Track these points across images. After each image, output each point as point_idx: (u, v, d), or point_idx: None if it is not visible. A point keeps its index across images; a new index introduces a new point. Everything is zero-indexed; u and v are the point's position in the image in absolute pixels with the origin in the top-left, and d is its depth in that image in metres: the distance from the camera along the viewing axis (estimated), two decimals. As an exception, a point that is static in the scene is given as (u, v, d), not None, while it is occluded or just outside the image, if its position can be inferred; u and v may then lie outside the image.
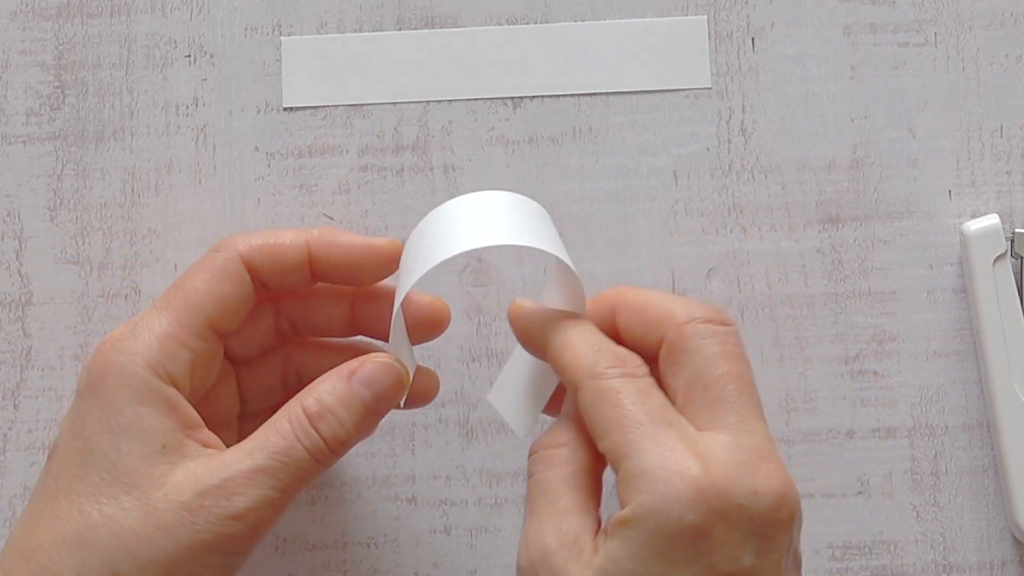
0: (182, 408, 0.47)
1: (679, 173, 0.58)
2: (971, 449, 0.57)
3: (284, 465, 0.46)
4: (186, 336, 0.48)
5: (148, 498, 0.46)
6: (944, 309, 0.58)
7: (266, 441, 0.47)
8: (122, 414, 0.47)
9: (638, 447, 0.44)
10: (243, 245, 0.50)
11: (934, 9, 0.59)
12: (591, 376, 0.46)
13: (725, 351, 0.46)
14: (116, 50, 0.59)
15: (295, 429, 0.46)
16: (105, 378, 0.47)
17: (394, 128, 0.59)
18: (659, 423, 0.44)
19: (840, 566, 0.57)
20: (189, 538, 0.45)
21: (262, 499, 0.46)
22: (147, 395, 0.47)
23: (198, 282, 0.49)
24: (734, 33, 0.59)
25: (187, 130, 0.59)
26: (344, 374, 0.47)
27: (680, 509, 0.42)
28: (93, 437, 0.47)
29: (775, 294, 0.58)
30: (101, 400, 0.47)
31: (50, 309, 0.58)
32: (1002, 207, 0.58)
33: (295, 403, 0.47)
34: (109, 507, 0.46)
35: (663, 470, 0.43)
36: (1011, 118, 0.58)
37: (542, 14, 0.59)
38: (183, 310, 0.48)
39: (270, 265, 0.50)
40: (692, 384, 0.46)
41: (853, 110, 0.58)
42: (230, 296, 0.49)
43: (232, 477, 0.46)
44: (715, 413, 0.45)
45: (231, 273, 0.49)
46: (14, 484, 0.57)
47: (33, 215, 0.58)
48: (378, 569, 0.57)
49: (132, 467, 0.46)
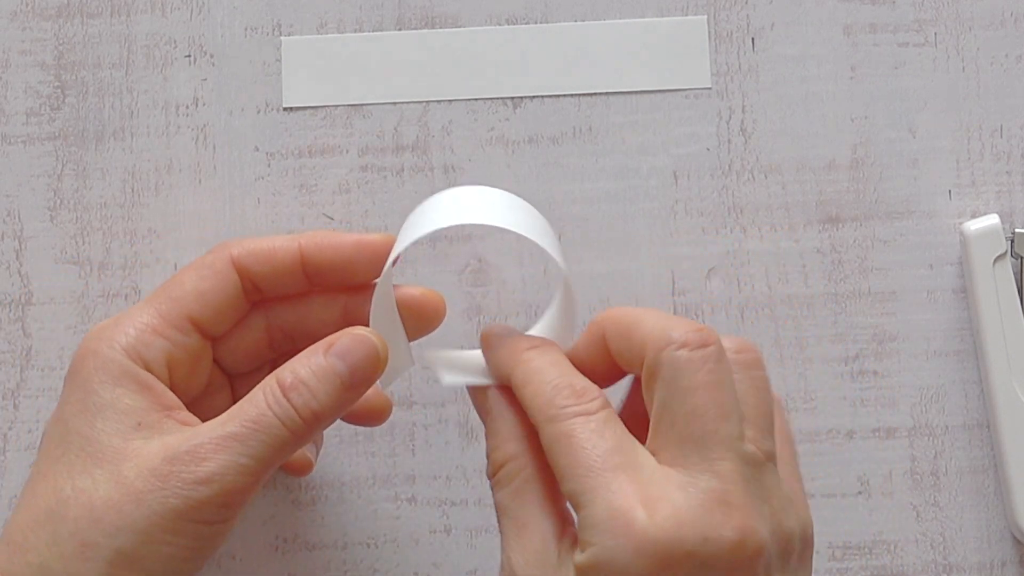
0: (158, 390, 0.48)
1: (679, 173, 0.58)
2: (971, 449, 0.57)
3: (254, 432, 0.46)
4: (164, 327, 0.49)
5: (119, 469, 0.46)
6: (944, 309, 0.58)
7: (240, 411, 0.46)
8: (98, 394, 0.47)
9: (591, 496, 0.43)
10: (235, 248, 0.50)
11: (934, 9, 0.59)
12: (548, 419, 0.45)
13: (695, 383, 0.44)
14: (116, 50, 0.59)
15: (267, 399, 0.46)
16: (83, 362, 0.48)
17: (394, 128, 0.59)
18: (610, 467, 0.43)
19: (840, 566, 0.57)
20: (158, 504, 0.45)
21: (231, 464, 0.45)
22: (122, 377, 0.47)
23: (184, 278, 0.50)
24: (734, 33, 0.59)
25: (187, 130, 0.59)
26: (321, 348, 0.47)
27: (624, 562, 0.42)
28: (71, 419, 0.47)
29: (775, 294, 0.58)
30: (79, 383, 0.48)
31: (50, 309, 0.58)
32: (1002, 207, 0.58)
33: (271, 376, 0.47)
34: (81, 481, 0.46)
35: (611, 521, 0.42)
36: (1011, 118, 0.58)
37: (542, 14, 0.59)
38: (164, 302, 0.49)
39: (261, 267, 0.50)
40: (661, 416, 0.44)
41: (853, 110, 0.58)
42: (214, 293, 0.49)
43: (202, 443, 0.46)
44: (679, 450, 0.43)
45: (217, 271, 0.50)
46: (14, 484, 0.57)
47: (33, 215, 0.58)
48: (378, 569, 0.57)
49: (106, 443, 0.46)
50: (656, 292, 0.58)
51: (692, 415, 0.43)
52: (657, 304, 0.58)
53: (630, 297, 0.58)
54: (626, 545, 0.42)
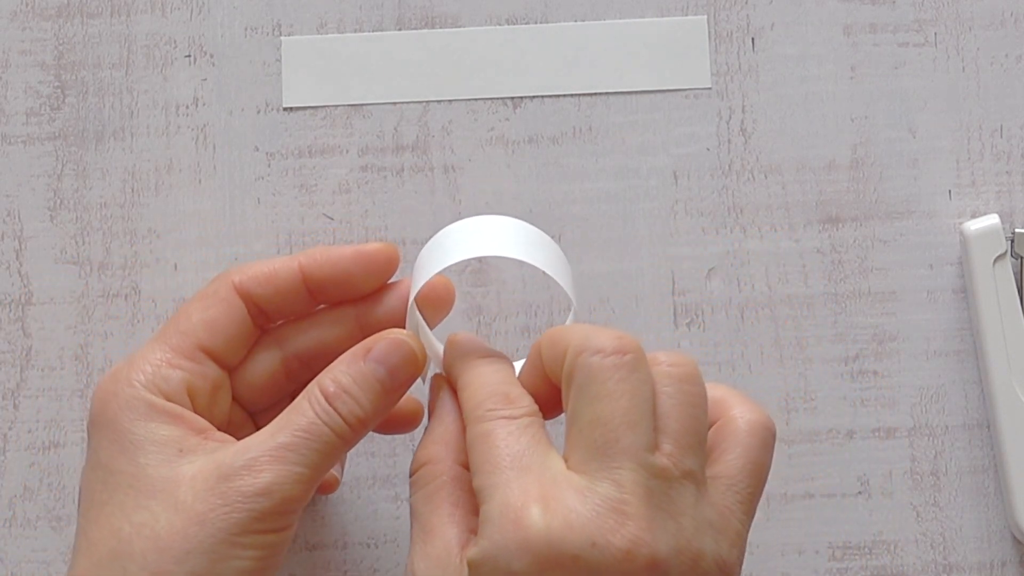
0: (188, 418, 0.48)
1: (679, 173, 0.58)
2: (971, 449, 0.57)
3: (307, 441, 0.46)
4: (178, 359, 0.49)
5: (175, 496, 0.46)
6: (944, 309, 0.58)
7: (288, 421, 0.47)
8: (131, 432, 0.47)
9: (492, 491, 0.43)
10: (236, 275, 0.50)
11: (934, 9, 0.59)
12: (474, 419, 0.45)
13: (604, 391, 0.43)
14: (116, 50, 0.59)
15: (315, 408, 0.47)
16: (107, 406, 0.48)
17: (394, 128, 0.59)
18: (517, 467, 0.43)
19: (840, 566, 0.57)
20: (222, 521, 0.45)
21: (288, 474, 0.46)
22: (150, 411, 0.47)
23: (190, 310, 0.50)
24: (734, 33, 0.59)
25: (187, 130, 0.59)
26: (359, 353, 0.48)
27: (508, 557, 0.42)
28: (110, 462, 0.47)
29: (775, 294, 0.58)
30: (108, 427, 0.47)
31: (50, 309, 0.58)
32: (1002, 207, 0.58)
33: (313, 385, 0.47)
34: (138, 516, 0.46)
35: (502, 517, 0.42)
36: (1011, 118, 0.58)
37: (542, 14, 0.59)
38: (174, 335, 0.49)
39: (264, 289, 0.50)
40: (572, 421, 0.44)
41: (853, 110, 0.58)
42: (221, 320, 0.49)
43: (256, 457, 0.46)
44: (583, 455, 0.43)
45: (222, 299, 0.50)
46: (14, 484, 0.57)
47: (33, 215, 0.58)
48: (378, 569, 0.57)
49: (154, 475, 0.46)
50: (656, 292, 0.58)
51: (597, 422, 0.43)
52: (657, 304, 0.58)
53: (630, 297, 0.58)
54: (513, 541, 0.42)
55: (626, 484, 0.42)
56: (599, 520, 0.42)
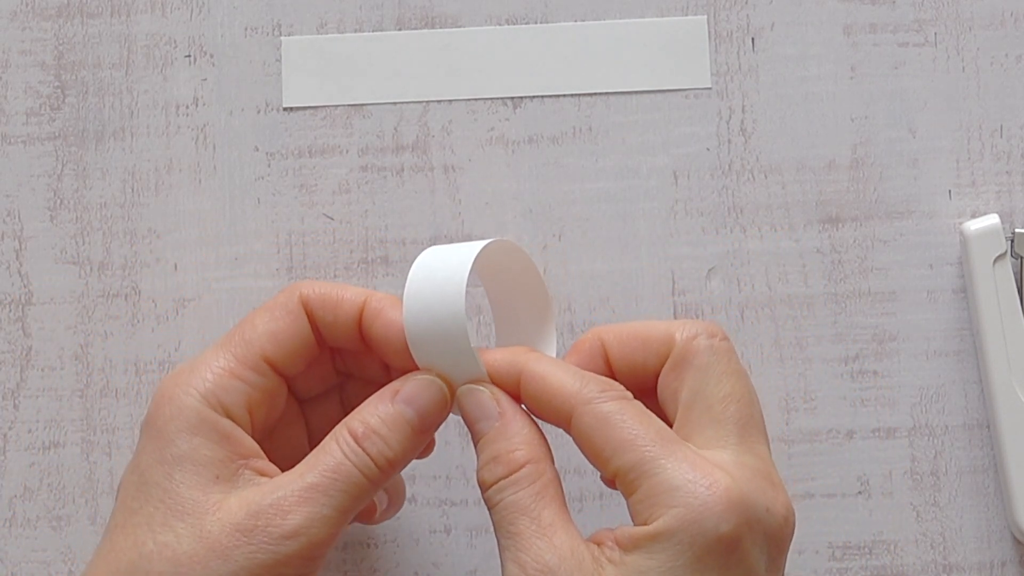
0: (237, 438, 0.47)
1: (679, 173, 0.58)
2: (971, 449, 0.57)
3: (335, 482, 0.46)
4: (241, 369, 0.48)
5: (201, 524, 0.45)
6: (944, 309, 0.58)
7: (316, 462, 0.46)
8: (175, 444, 0.47)
9: (659, 464, 0.44)
10: (306, 288, 0.50)
11: (934, 9, 0.59)
12: (585, 401, 0.45)
13: (729, 369, 0.46)
14: (116, 50, 0.59)
15: (343, 449, 0.46)
16: (160, 410, 0.47)
17: (394, 128, 0.59)
18: (669, 441, 0.45)
19: (840, 566, 0.57)
20: (245, 559, 0.45)
21: (316, 516, 0.45)
22: (199, 425, 0.47)
23: (256, 319, 0.49)
24: (734, 33, 0.59)
25: (187, 130, 0.59)
26: (387, 395, 0.47)
27: (715, 520, 0.43)
28: (148, 470, 0.47)
29: (775, 294, 0.58)
30: (155, 432, 0.47)
31: (50, 309, 0.58)
32: (1002, 207, 0.58)
33: (342, 426, 0.47)
34: (163, 535, 0.45)
35: (693, 484, 0.43)
36: (1011, 118, 0.58)
37: (542, 14, 0.59)
38: (239, 344, 0.49)
39: (323, 313, 0.49)
40: (694, 402, 0.46)
41: (853, 110, 0.58)
42: (287, 332, 0.49)
43: (285, 496, 0.45)
44: (717, 432, 0.45)
45: (289, 311, 0.49)
46: (14, 484, 0.57)
47: (33, 215, 0.58)
48: (378, 569, 0.57)
49: (186, 495, 0.46)
50: (656, 292, 0.58)
51: (730, 398, 0.46)
52: (657, 304, 0.58)
53: (630, 297, 0.58)
54: (715, 504, 0.43)
55: (765, 456, 0.46)
56: (762, 489, 0.44)
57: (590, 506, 0.57)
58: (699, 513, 0.43)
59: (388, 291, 0.57)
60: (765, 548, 0.44)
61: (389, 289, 0.57)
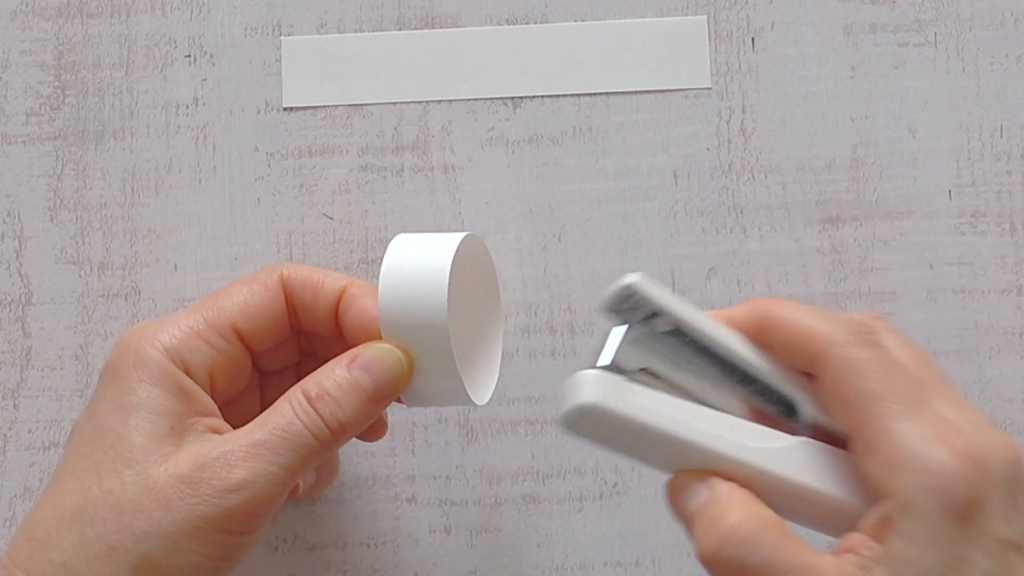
0: (195, 395, 0.48)
1: (679, 173, 0.58)
2: (971, 449, 0.57)
3: (284, 440, 0.46)
4: (208, 333, 0.49)
5: (148, 473, 0.46)
6: (944, 309, 0.58)
7: (267, 420, 0.47)
8: (135, 392, 0.47)
9: (903, 423, 0.41)
10: (287, 269, 0.51)
11: (934, 9, 0.59)
12: (834, 344, 0.43)
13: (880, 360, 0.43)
14: (116, 50, 0.59)
15: (295, 409, 0.47)
16: (123, 359, 0.48)
17: (394, 128, 0.59)
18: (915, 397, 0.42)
19: (840, 566, 0.57)
20: (187, 511, 0.45)
21: (261, 472, 0.46)
22: (161, 377, 0.47)
23: (233, 289, 0.50)
24: (734, 33, 0.59)
25: (187, 130, 0.59)
26: (344, 360, 0.48)
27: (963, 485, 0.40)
28: (104, 416, 0.47)
29: (775, 294, 0.58)
30: (116, 380, 0.48)
31: (50, 309, 0.58)
32: (1002, 207, 0.58)
33: (296, 388, 0.47)
34: (109, 481, 0.46)
35: (935, 447, 0.40)
36: (1011, 118, 0.58)
37: (542, 14, 0.59)
38: (211, 308, 0.49)
39: (302, 295, 0.50)
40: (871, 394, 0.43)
41: (853, 110, 0.58)
42: (261, 307, 0.50)
43: (232, 450, 0.46)
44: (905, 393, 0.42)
45: (267, 286, 0.50)
46: (14, 484, 0.57)
47: (33, 215, 0.58)
48: (378, 569, 0.57)
49: (137, 443, 0.46)
50: (656, 292, 0.58)
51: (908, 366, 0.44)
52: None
53: (630, 297, 0.58)
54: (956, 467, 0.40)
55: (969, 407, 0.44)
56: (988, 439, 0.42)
57: (590, 506, 0.57)
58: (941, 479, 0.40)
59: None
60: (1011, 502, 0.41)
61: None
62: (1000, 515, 0.41)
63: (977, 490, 0.41)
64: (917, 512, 0.40)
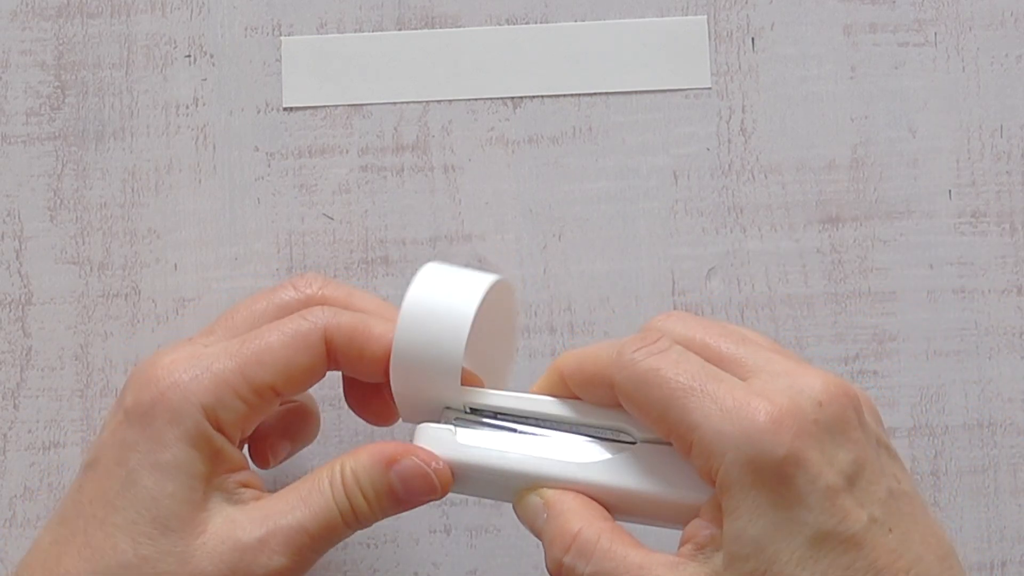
0: (227, 453, 0.47)
1: (679, 173, 0.58)
2: (971, 449, 0.57)
3: (321, 526, 0.46)
4: (246, 391, 0.47)
5: (186, 545, 0.45)
6: (944, 309, 0.58)
7: (308, 498, 0.46)
8: (170, 450, 0.46)
9: (702, 413, 0.42)
10: (329, 319, 0.48)
11: (934, 9, 0.59)
12: (619, 367, 0.44)
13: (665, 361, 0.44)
14: (116, 50, 0.59)
15: (334, 492, 0.47)
16: (156, 409, 0.46)
17: (394, 128, 0.59)
18: (709, 381, 0.43)
19: (840, 566, 0.57)
20: None
21: (304, 562, 0.46)
22: (197, 439, 0.46)
23: (275, 341, 0.48)
24: (734, 33, 0.59)
25: (187, 130, 0.59)
26: (384, 461, 0.47)
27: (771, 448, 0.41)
28: (137, 469, 0.46)
29: (775, 294, 0.58)
30: (150, 432, 0.46)
31: (50, 309, 0.58)
32: (1002, 207, 0.58)
33: (336, 466, 0.47)
34: (145, 548, 0.45)
35: (737, 421, 0.41)
36: (1011, 118, 0.58)
37: (542, 14, 0.59)
38: (251, 364, 0.47)
39: (348, 352, 0.48)
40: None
41: (853, 110, 0.58)
42: (301, 367, 0.48)
43: (272, 532, 0.46)
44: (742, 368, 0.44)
45: (310, 345, 0.48)
46: (14, 484, 0.57)
47: (33, 215, 0.58)
48: (378, 569, 0.57)
49: (173, 509, 0.46)
50: (656, 292, 0.58)
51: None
52: (657, 304, 0.58)
53: (630, 297, 0.58)
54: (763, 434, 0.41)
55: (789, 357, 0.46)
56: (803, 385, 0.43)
57: (590, 506, 0.57)
58: (752, 450, 0.41)
59: (388, 292, 0.57)
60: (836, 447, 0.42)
61: (389, 290, 0.57)
62: (821, 461, 0.41)
63: (787, 447, 0.41)
64: (736, 488, 0.41)
